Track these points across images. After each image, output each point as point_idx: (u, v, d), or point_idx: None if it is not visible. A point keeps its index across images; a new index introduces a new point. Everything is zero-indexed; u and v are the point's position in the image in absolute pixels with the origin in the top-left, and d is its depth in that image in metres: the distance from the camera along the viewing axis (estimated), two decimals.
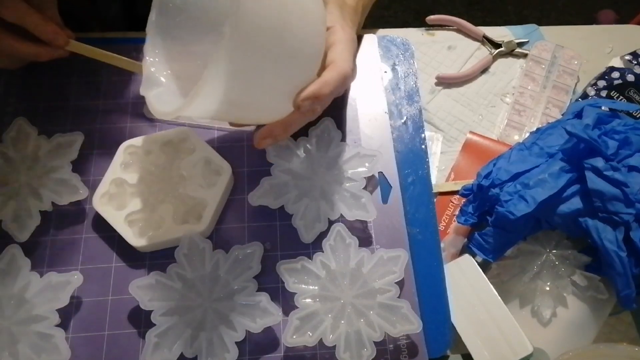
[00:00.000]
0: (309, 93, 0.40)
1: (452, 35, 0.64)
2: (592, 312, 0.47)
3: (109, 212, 0.47)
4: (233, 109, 0.40)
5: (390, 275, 0.45)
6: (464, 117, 0.59)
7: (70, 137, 0.50)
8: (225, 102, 0.37)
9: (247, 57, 0.36)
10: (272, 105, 0.41)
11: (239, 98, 0.38)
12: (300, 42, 0.38)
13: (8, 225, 0.46)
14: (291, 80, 0.40)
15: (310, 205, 0.48)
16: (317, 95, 0.41)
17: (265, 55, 0.36)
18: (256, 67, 0.37)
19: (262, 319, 0.43)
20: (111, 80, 0.55)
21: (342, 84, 0.43)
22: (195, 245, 0.45)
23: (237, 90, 0.37)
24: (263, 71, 0.37)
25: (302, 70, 0.40)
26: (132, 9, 0.67)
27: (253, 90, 0.39)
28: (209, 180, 0.49)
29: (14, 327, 0.42)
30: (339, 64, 0.42)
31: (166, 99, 0.43)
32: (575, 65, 0.61)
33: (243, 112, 0.42)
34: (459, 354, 0.46)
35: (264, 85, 0.39)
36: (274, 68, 0.38)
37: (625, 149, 0.45)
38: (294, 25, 0.38)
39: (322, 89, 0.41)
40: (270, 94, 0.40)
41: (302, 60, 0.40)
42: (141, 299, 0.43)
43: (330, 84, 0.41)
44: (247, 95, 0.39)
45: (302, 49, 0.39)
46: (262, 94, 0.40)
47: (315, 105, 0.43)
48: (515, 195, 0.45)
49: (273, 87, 0.40)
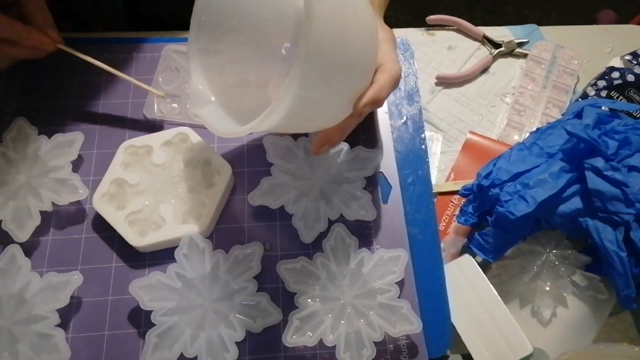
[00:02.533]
0: (368, 99, 0.42)
1: (452, 35, 0.64)
2: (592, 312, 0.47)
3: (109, 212, 0.47)
4: (297, 122, 0.41)
5: (390, 276, 0.45)
6: (464, 117, 0.59)
7: (70, 137, 0.50)
8: (292, 117, 0.38)
9: (317, 74, 0.37)
10: (333, 114, 0.43)
11: (306, 112, 0.40)
12: (360, 53, 0.40)
13: (8, 225, 0.46)
14: (353, 89, 0.41)
15: (310, 205, 0.48)
16: (376, 100, 0.42)
17: (332, 71, 0.38)
18: (324, 82, 0.38)
19: (262, 319, 0.43)
20: (111, 80, 0.55)
21: (395, 84, 0.44)
22: (195, 245, 0.45)
23: (306, 105, 0.38)
24: (329, 85, 0.39)
25: (362, 79, 0.41)
26: (135, 8, 0.67)
27: (320, 104, 0.40)
28: (209, 180, 0.49)
29: (14, 327, 0.42)
30: (390, 66, 0.44)
31: (221, 116, 0.44)
32: (575, 65, 0.61)
33: (306, 123, 0.43)
34: (459, 354, 0.46)
35: (329, 98, 0.40)
36: (339, 81, 0.39)
37: (625, 149, 0.45)
38: (354, 37, 0.39)
39: (379, 93, 0.42)
40: (333, 105, 0.41)
41: (361, 70, 0.41)
42: (141, 299, 0.43)
43: (386, 87, 0.43)
44: (314, 109, 0.40)
45: (361, 58, 0.40)
46: (326, 106, 0.41)
47: (373, 109, 0.44)
48: (515, 195, 0.45)
49: (337, 98, 0.41)
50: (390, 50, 0.45)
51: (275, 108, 0.36)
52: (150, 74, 0.55)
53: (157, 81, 0.54)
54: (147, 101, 0.54)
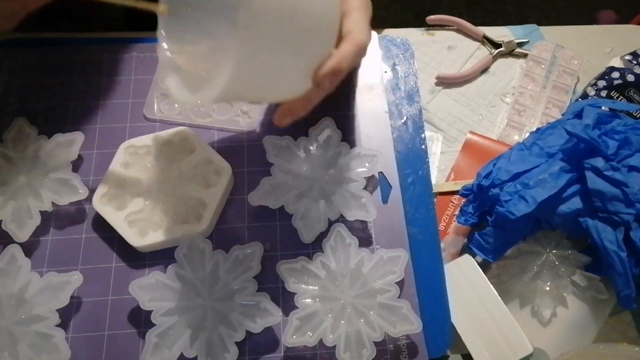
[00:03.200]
0: (327, 69, 0.39)
1: (452, 35, 0.64)
2: (592, 312, 0.47)
3: (109, 212, 0.47)
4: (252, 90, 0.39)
5: (390, 276, 0.45)
6: (464, 117, 0.59)
7: (70, 137, 0.49)
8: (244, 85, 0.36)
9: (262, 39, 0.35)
10: (291, 83, 0.41)
11: (257, 79, 0.38)
12: (315, 18, 0.37)
13: (8, 225, 0.46)
14: (309, 57, 0.39)
15: (310, 205, 0.48)
16: (337, 70, 0.40)
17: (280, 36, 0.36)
18: (273, 48, 0.36)
19: (262, 319, 0.43)
20: (111, 80, 0.55)
21: (360, 55, 0.42)
22: (195, 245, 0.45)
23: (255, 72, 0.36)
24: (280, 51, 0.37)
25: (319, 46, 0.39)
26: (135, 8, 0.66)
27: (272, 71, 0.38)
28: (209, 180, 0.49)
29: (14, 327, 0.42)
30: (355, 35, 0.41)
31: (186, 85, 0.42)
32: (575, 65, 0.61)
33: (262, 92, 0.41)
34: (459, 354, 0.46)
35: (282, 64, 0.38)
36: (290, 47, 0.37)
37: (625, 149, 0.45)
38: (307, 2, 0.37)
39: (340, 64, 0.40)
40: (288, 72, 0.39)
41: (318, 36, 0.39)
42: (141, 299, 0.43)
43: (348, 57, 0.40)
44: (266, 76, 0.38)
45: (317, 25, 0.38)
46: (280, 74, 0.39)
47: (336, 80, 0.42)
48: (515, 195, 0.45)
49: (291, 65, 0.39)
50: (359, 19, 0.42)
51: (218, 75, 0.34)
52: (150, 74, 0.55)
53: (157, 81, 0.54)
54: (147, 101, 0.54)
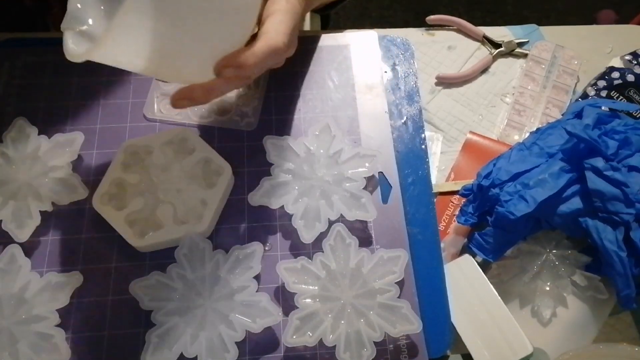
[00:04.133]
0: (229, 60, 0.38)
1: (452, 35, 0.64)
2: (592, 312, 0.47)
3: (109, 212, 0.47)
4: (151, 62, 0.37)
5: (390, 276, 0.45)
6: (464, 117, 0.59)
7: (70, 137, 0.50)
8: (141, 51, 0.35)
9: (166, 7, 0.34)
10: (192, 65, 0.39)
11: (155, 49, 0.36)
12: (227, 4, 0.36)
13: (8, 225, 0.46)
14: (212, 41, 0.38)
15: (310, 205, 0.48)
16: (240, 64, 0.39)
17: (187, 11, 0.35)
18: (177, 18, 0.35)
19: (262, 319, 0.43)
20: (111, 80, 0.55)
21: (271, 57, 0.41)
22: (195, 245, 0.45)
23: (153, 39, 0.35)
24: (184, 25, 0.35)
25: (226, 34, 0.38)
26: None
27: (171, 44, 0.36)
28: (209, 180, 0.49)
29: (14, 327, 0.42)
30: (271, 36, 0.40)
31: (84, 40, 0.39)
32: (575, 65, 0.61)
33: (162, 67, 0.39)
34: (459, 354, 0.46)
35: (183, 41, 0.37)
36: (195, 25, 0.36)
37: (625, 149, 0.45)
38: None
39: (246, 59, 0.39)
40: (190, 53, 0.38)
41: (227, 25, 0.38)
42: (141, 299, 0.43)
43: (257, 55, 0.39)
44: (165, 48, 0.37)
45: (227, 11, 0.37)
46: (181, 51, 0.37)
47: (240, 74, 0.40)
48: (515, 195, 0.45)
49: (193, 45, 0.37)
50: (281, 21, 0.41)
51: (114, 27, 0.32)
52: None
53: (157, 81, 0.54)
54: (147, 101, 0.54)
